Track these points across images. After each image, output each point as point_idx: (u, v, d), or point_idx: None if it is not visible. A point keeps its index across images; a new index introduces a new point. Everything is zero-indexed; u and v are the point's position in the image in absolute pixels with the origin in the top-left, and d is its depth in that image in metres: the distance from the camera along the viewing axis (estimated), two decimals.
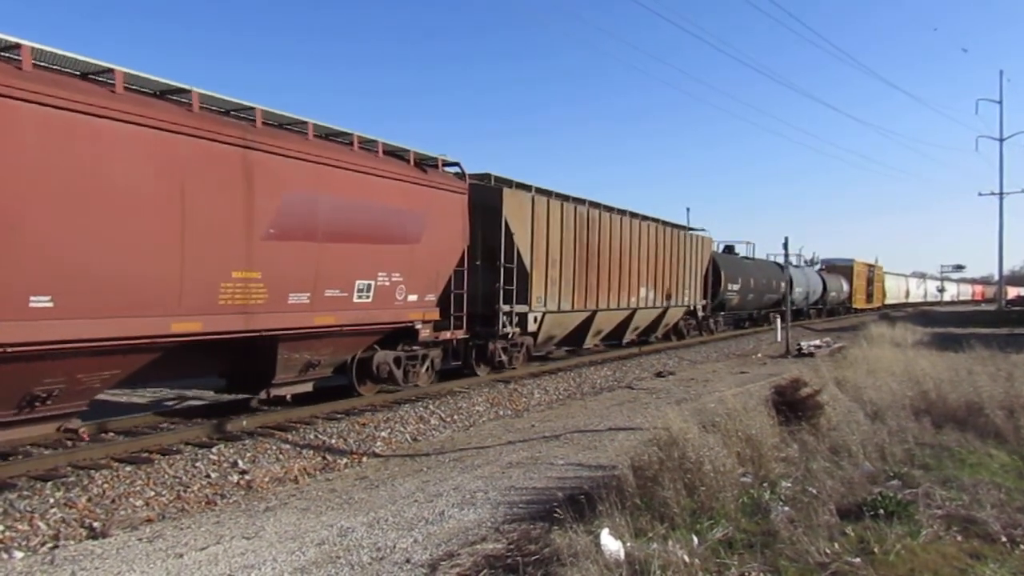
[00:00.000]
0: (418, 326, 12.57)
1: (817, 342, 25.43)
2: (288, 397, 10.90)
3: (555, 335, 17.73)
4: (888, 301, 64.35)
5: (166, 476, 8.03)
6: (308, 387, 11.20)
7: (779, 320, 27.99)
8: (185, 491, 7.78)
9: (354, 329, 11.13)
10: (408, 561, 5.35)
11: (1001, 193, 50.48)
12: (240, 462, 8.72)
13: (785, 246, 25.82)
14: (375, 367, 12.16)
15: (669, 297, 23.58)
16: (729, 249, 34.73)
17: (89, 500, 7.19)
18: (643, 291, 21.57)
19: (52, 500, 7.04)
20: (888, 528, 5.16)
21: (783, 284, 36.01)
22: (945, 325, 34.26)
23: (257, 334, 9.46)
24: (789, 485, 6.27)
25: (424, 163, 12.59)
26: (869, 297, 57.56)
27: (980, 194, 53.04)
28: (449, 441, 10.81)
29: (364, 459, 9.57)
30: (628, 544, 4.81)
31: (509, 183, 15.89)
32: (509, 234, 14.97)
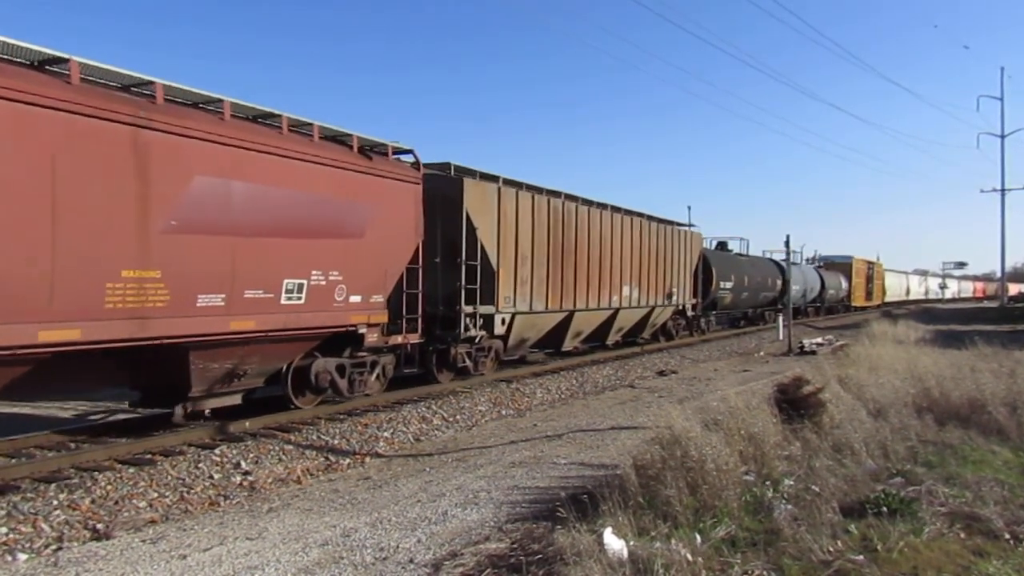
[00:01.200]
0: (362, 330, 11.25)
1: (819, 340, 25.41)
2: (207, 412, 9.94)
3: (528, 338, 16.60)
4: (888, 299, 63.60)
5: (169, 477, 8.04)
6: (235, 399, 10.19)
7: (780, 318, 27.91)
8: (188, 492, 7.79)
9: (284, 334, 9.95)
10: (411, 561, 5.35)
11: (1003, 190, 50.54)
12: (243, 463, 8.73)
13: (787, 244, 25.85)
14: (313, 376, 10.96)
15: (656, 296, 22.52)
16: (722, 246, 33.68)
17: (92, 502, 7.20)
18: (626, 290, 20.45)
19: (55, 502, 7.06)
20: (891, 526, 5.16)
21: (779, 282, 35.31)
22: (947, 322, 34.24)
23: (157, 342, 8.22)
24: (792, 483, 6.26)
25: (371, 149, 11.48)
26: (869, 295, 56.80)
27: (982, 191, 53.20)
28: (452, 441, 10.82)
29: (367, 459, 9.58)
30: (631, 543, 4.81)
31: (472, 173, 14.72)
32: (472, 229, 13.87)
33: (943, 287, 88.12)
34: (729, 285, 29.57)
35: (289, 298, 9.83)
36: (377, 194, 11.24)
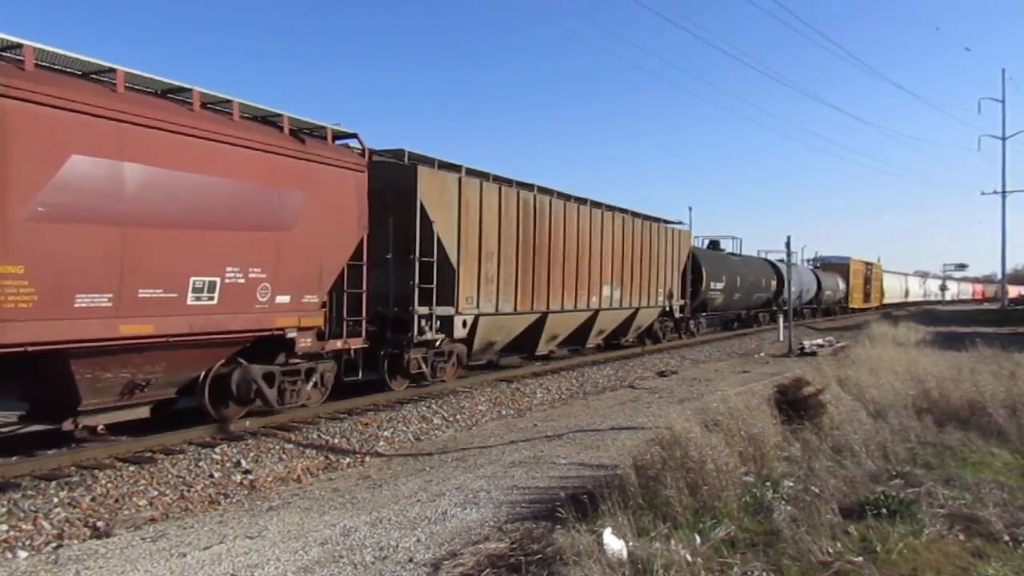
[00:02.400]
0: (292, 334, 10.09)
1: (819, 341, 25.40)
2: (99, 428, 8.93)
3: (496, 341, 15.43)
4: (887, 300, 62.88)
5: (169, 476, 8.05)
6: (140, 413, 8.97)
7: (781, 319, 27.85)
8: (188, 491, 7.80)
9: (193, 340, 8.78)
10: (411, 560, 5.36)
11: (1004, 192, 50.49)
12: (243, 462, 8.74)
13: (787, 245, 25.82)
14: (234, 386, 9.79)
15: (640, 297, 21.35)
16: (714, 245, 32.59)
17: (93, 500, 7.21)
18: (607, 290, 19.30)
19: (56, 500, 7.06)
20: (891, 527, 5.16)
21: (774, 282, 34.70)
22: (948, 324, 34.21)
23: (20, 349, 7.06)
24: (792, 484, 6.27)
25: (305, 132, 10.40)
26: (867, 296, 56.08)
27: (983, 193, 53.04)
28: (452, 440, 10.82)
29: (367, 459, 9.59)
30: (631, 543, 4.82)
31: (430, 161, 13.58)
32: (427, 222, 12.72)
33: (943, 289, 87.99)
34: (720, 285, 28.50)
35: (198, 298, 8.68)
36: (311, 182, 10.09)
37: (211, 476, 8.26)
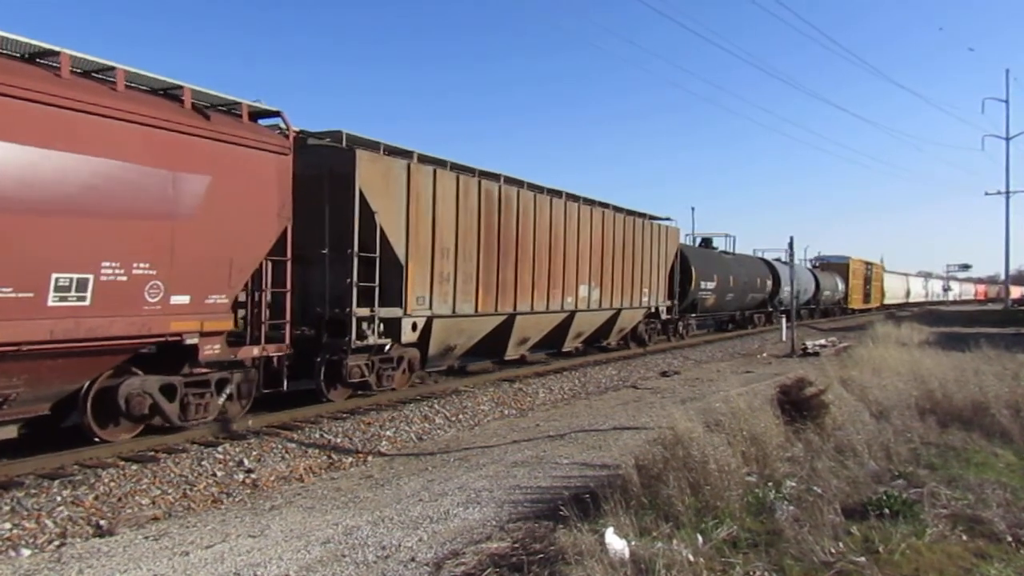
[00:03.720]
0: (192, 340, 8.72)
1: (823, 341, 25.37)
2: None
3: (455, 345, 14.10)
4: (888, 301, 61.83)
5: (172, 475, 8.06)
6: (7, 432, 8.12)
7: (784, 320, 27.77)
8: (191, 490, 7.81)
9: (58, 348, 7.42)
10: (413, 560, 5.37)
11: (1007, 192, 50.30)
12: (246, 461, 8.75)
13: (790, 245, 25.79)
14: (122, 400, 8.52)
15: (622, 297, 20.06)
16: (707, 242, 31.32)
17: (96, 498, 7.22)
18: (584, 290, 18.01)
19: (59, 498, 7.08)
20: (893, 527, 5.16)
21: (770, 282, 33.78)
22: (951, 324, 34.16)
23: None
24: (794, 484, 6.26)
25: (213, 108, 9.26)
26: (867, 297, 55.08)
27: (987, 193, 52.81)
28: (454, 440, 10.83)
29: (369, 458, 9.59)
30: (633, 543, 4.82)
31: (374, 145, 12.24)
32: (368, 213, 11.39)
33: (946, 289, 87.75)
34: (711, 285, 27.14)
35: (63, 299, 7.35)
36: (219, 164, 8.83)
37: (214, 475, 8.27)
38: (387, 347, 12.24)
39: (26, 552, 6.02)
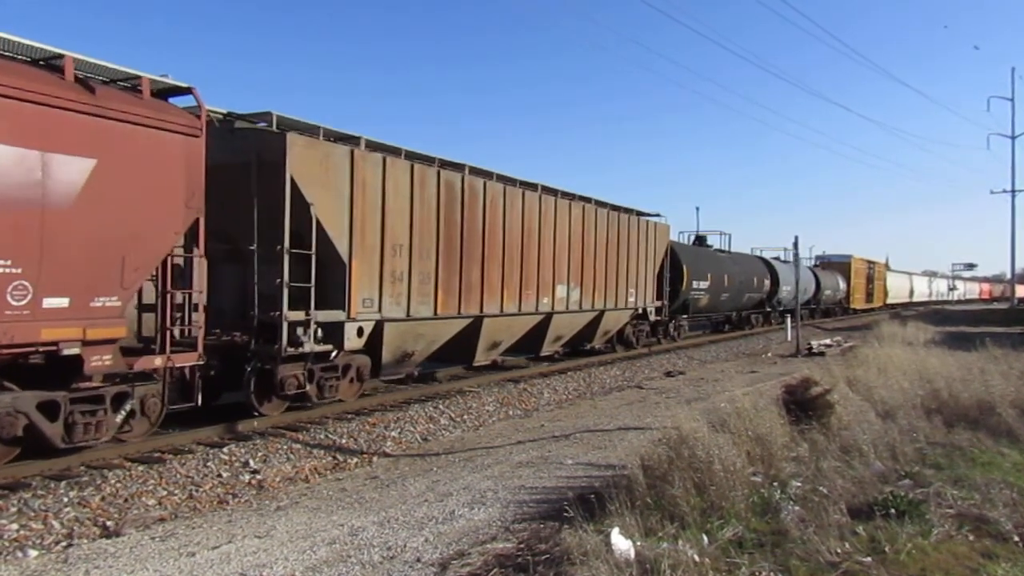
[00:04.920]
0: (72, 350, 7.53)
1: (828, 341, 25.32)
2: None
3: (413, 351, 12.91)
4: (891, 301, 60.87)
5: (178, 476, 8.09)
6: None
7: (788, 320, 27.66)
8: (197, 490, 7.83)
9: None
10: (419, 560, 5.37)
11: (1013, 191, 50.13)
12: (251, 462, 8.77)
13: (795, 245, 25.74)
14: None
15: (606, 298, 18.85)
16: (700, 240, 30.00)
17: (102, 499, 7.25)
18: (562, 290, 16.77)
19: (66, 499, 7.11)
20: (899, 527, 5.15)
21: (768, 282, 32.79)
22: (957, 324, 34.05)
23: None
24: (799, 484, 6.26)
25: (113, 82, 8.34)
26: (869, 296, 54.09)
27: (992, 192, 52.69)
28: (459, 441, 10.83)
29: (374, 459, 9.61)
30: (638, 543, 4.82)
31: (313, 130, 10.99)
32: (302, 204, 10.24)
33: (952, 289, 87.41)
34: (704, 285, 25.82)
35: None
36: (107, 146, 7.71)
37: (219, 476, 8.29)
38: (334, 354, 11.14)
39: (33, 553, 6.05)
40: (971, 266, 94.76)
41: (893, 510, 5.47)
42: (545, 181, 16.43)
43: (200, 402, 9.26)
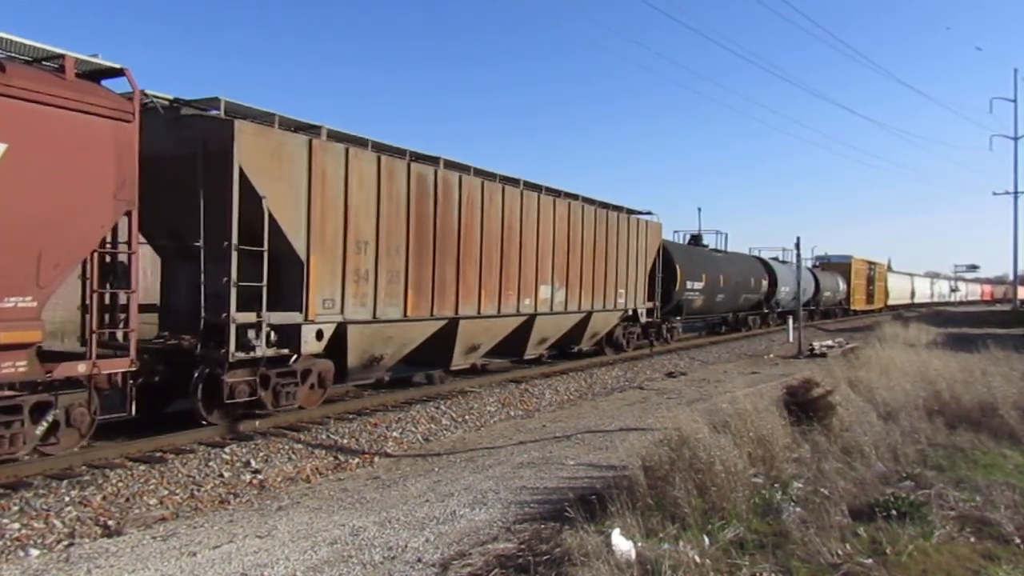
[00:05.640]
0: None
1: (830, 342, 25.33)
2: None
3: (382, 355, 12.10)
4: (891, 302, 60.40)
5: (180, 475, 8.09)
6: None
7: (791, 321, 27.59)
8: (198, 490, 7.84)
9: None
10: (420, 560, 5.37)
11: (1015, 192, 50.03)
12: (253, 462, 8.78)
13: (797, 246, 25.72)
14: None
15: (594, 299, 18.08)
16: (696, 240, 29.12)
17: (104, 499, 7.26)
18: (546, 290, 15.94)
19: (67, 498, 7.11)
20: (901, 529, 5.14)
21: (766, 283, 32.16)
22: (959, 325, 34.00)
23: None
24: (801, 486, 6.26)
25: (35, 61, 7.75)
26: (870, 297, 53.66)
27: (995, 193, 52.50)
28: (460, 441, 10.84)
29: (376, 459, 9.61)
30: (639, 544, 4.82)
31: (267, 117, 10.15)
32: (253, 197, 9.46)
33: (954, 290, 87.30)
34: (699, 286, 24.93)
35: None
36: (18, 129, 7.07)
37: (221, 476, 8.30)
38: (293, 359, 10.37)
39: (35, 552, 6.05)
40: (973, 267, 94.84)
41: (894, 511, 5.46)
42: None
43: (134, 412, 8.41)
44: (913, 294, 69.69)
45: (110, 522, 6.79)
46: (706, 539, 5.01)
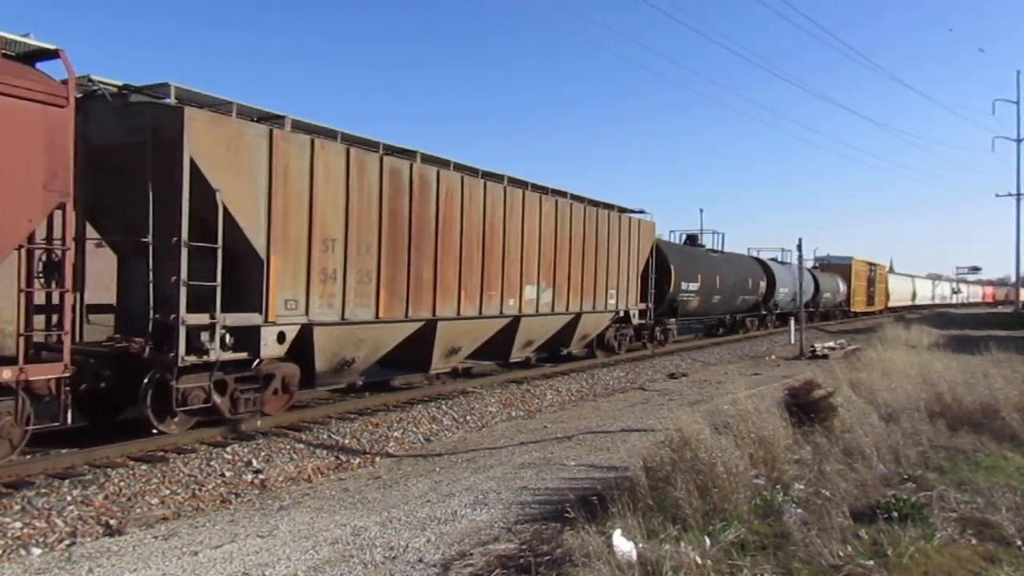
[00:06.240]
0: None
1: (831, 344, 25.30)
2: None
3: (354, 358, 11.46)
4: (892, 304, 60.17)
5: (181, 475, 8.10)
6: None
7: (792, 322, 27.52)
8: (200, 490, 7.85)
9: None
10: (421, 560, 5.38)
11: (1018, 194, 49.94)
12: (254, 461, 8.79)
13: (799, 247, 25.68)
14: None
15: (583, 300, 17.42)
16: (692, 240, 28.50)
17: (105, 498, 7.26)
18: (532, 291, 15.30)
19: (69, 498, 7.12)
20: (902, 531, 5.14)
21: (763, 283, 31.66)
22: (961, 327, 33.96)
23: None
24: (802, 487, 6.25)
25: None
26: (870, 299, 53.24)
27: (997, 195, 52.37)
28: (462, 442, 10.84)
29: (377, 459, 9.61)
30: (640, 545, 4.82)
31: (224, 105, 9.58)
32: (205, 190, 8.88)
33: (956, 291, 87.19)
34: (694, 287, 24.27)
35: None
36: None
37: (222, 475, 8.30)
38: (256, 362, 9.79)
39: (37, 551, 6.06)
40: (976, 269, 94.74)
41: (896, 513, 5.46)
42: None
43: (69, 421, 7.89)
44: (914, 296, 69.45)
45: (112, 521, 6.80)
46: (707, 540, 5.01)
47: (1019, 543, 5.17)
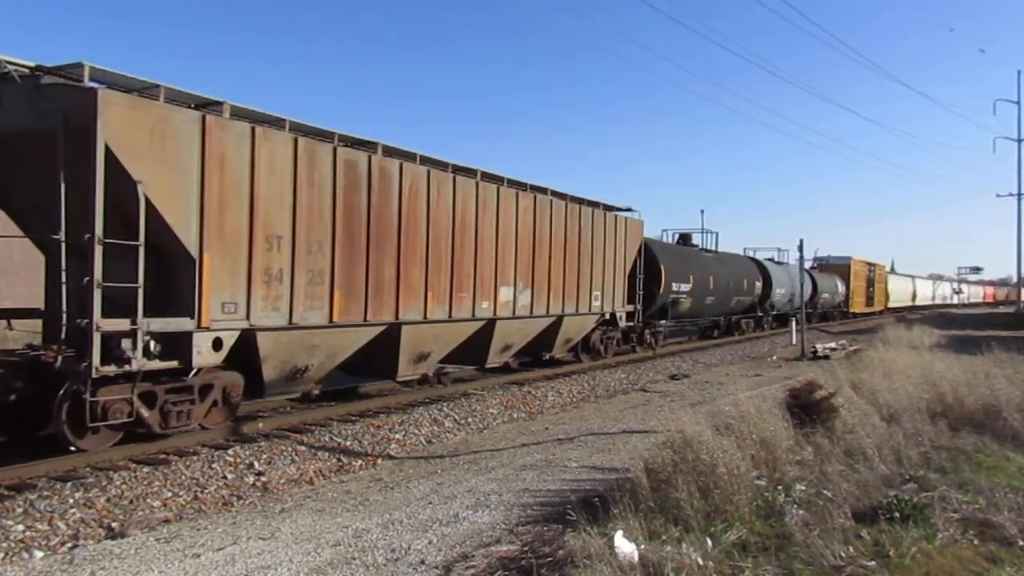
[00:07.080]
0: None
1: (833, 345, 25.28)
2: None
3: (307, 366, 10.59)
4: (892, 304, 59.85)
5: (183, 477, 8.11)
6: None
7: (793, 323, 27.46)
8: (202, 492, 7.85)
9: None
10: (423, 562, 5.38)
11: (1019, 195, 49.87)
12: (256, 464, 8.79)
13: (800, 248, 25.64)
14: None
15: (565, 302, 16.53)
16: (684, 239, 27.65)
17: (108, 500, 7.27)
18: (507, 292, 14.45)
19: (71, 500, 7.13)
20: (904, 531, 5.15)
21: (759, 284, 31.13)
22: (962, 327, 33.95)
23: None
24: (804, 488, 6.25)
25: None
26: (870, 300, 52.98)
27: (998, 195, 52.33)
28: (463, 443, 10.84)
29: (379, 461, 9.62)
30: (642, 546, 4.82)
31: (150, 89, 8.71)
32: (124, 182, 8.02)
33: (958, 292, 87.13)
34: (686, 287, 23.33)
35: None
36: None
37: (224, 478, 8.31)
38: (194, 372, 9.02)
39: (39, 554, 6.07)
40: (977, 269, 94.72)
41: (897, 514, 5.46)
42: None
43: None
44: (914, 296, 69.15)
45: (114, 524, 6.81)
46: (709, 541, 5.01)
47: (1021, 543, 5.17)
